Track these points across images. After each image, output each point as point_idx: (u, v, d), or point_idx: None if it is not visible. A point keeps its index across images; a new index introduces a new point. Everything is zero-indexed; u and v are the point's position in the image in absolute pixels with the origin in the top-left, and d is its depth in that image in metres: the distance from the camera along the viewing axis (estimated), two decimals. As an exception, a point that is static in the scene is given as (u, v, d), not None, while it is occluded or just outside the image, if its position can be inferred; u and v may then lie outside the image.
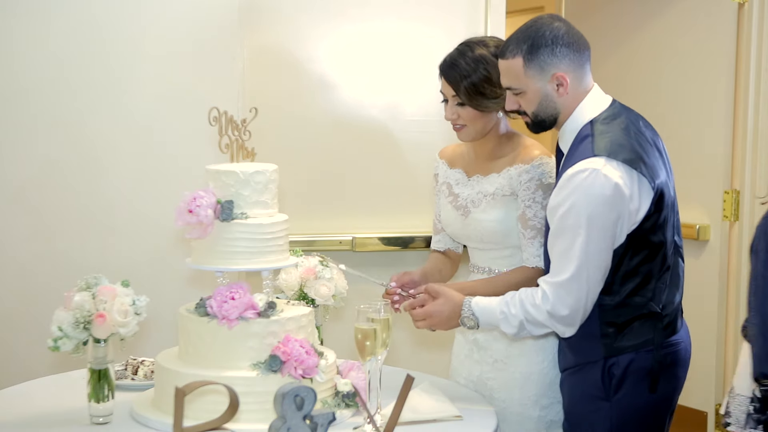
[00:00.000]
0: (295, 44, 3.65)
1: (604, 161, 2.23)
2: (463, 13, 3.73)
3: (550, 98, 2.34)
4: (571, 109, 2.36)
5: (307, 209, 3.59)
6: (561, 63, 2.32)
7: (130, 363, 2.61)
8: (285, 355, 2.16)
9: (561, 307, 2.27)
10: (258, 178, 2.30)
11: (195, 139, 3.36)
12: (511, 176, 2.57)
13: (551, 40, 2.31)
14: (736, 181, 4.02)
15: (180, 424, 1.71)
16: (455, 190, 2.70)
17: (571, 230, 2.24)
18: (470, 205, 2.65)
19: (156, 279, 3.30)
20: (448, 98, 2.58)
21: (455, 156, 2.76)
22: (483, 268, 2.68)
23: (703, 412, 4.10)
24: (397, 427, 1.95)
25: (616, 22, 4.60)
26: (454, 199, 2.70)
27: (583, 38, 2.37)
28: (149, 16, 3.39)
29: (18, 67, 3.31)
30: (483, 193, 2.62)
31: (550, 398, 2.60)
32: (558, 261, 2.29)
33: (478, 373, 2.68)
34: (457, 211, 2.68)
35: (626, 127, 2.33)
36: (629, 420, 2.35)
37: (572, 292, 2.25)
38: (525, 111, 2.39)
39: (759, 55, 3.92)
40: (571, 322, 2.29)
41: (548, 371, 2.59)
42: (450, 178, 2.73)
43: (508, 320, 2.32)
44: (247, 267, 2.30)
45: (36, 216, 3.35)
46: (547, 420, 2.60)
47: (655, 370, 2.33)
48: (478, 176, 2.66)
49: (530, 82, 2.33)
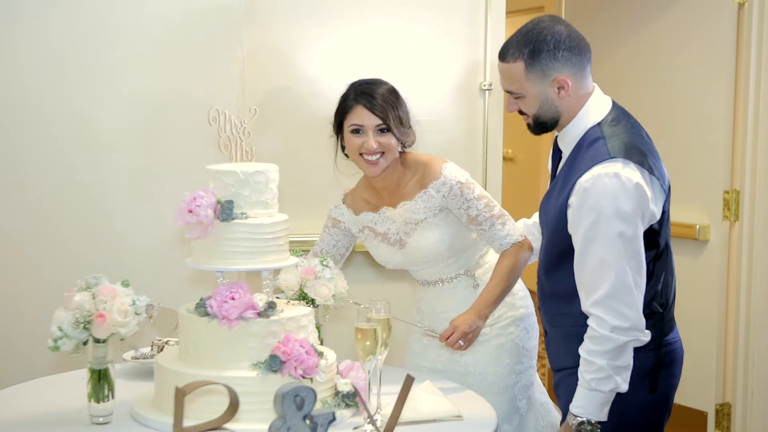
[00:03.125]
0: (295, 44, 3.65)
1: (622, 164, 2.21)
2: (463, 14, 3.73)
3: (550, 101, 2.32)
4: (574, 112, 2.34)
5: (307, 209, 3.59)
6: (563, 67, 2.30)
7: (155, 344, 2.62)
8: (285, 355, 2.16)
9: (621, 321, 2.19)
10: (258, 178, 2.30)
11: (195, 139, 3.36)
12: (433, 196, 2.68)
13: (553, 44, 2.28)
14: (736, 181, 4.02)
15: (180, 424, 1.71)
16: (379, 230, 2.78)
17: (603, 238, 2.19)
18: (404, 237, 2.74)
19: (156, 279, 3.30)
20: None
21: (355, 202, 2.84)
22: (433, 282, 2.81)
23: (703, 412, 4.10)
24: (397, 427, 1.95)
25: (617, 22, 4.60)
26: (383, 238, 2.78)
27: (584, 40, 2.35)
28: (149, 16, 3.39)
29: (18, 67, 3.31)
30: (409, 221, 2.72)
31: (525, 364, 2.79)
32: (595, 273, 2.22)
33: (447, 354, 2.79)
34: (393, 246, 2.77)
35: (633, 129, 2.33)
36: (629, 420, 2.35)
37: (624, 301, 2.19)
38: (526, 113, 2.38)
39: (759, 55, 3.92)
40: (640, 328, 2.23)
41: (520, 340, 2.79)
42: (365, 222, 2.81)
43: (600, 381, 2.22)
44: (247, 267, 2.30)
45: (36, 216, 3.34)
46: (521, 384, 2.79)
47: (655, 369, 2.33)
48: (386, 209, 2.76)
49: (531, 86, 2.31)
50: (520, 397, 2.80)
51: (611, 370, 2.22)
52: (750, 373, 4.01)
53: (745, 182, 3.98)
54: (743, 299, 4.01)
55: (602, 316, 2.20)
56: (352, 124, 2.67)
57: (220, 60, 3.43)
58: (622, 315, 2.20)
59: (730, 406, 4.08)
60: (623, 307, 2.20)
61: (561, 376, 2.47)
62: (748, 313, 4.00)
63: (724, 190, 4.03)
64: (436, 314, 2.82)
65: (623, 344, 2.21)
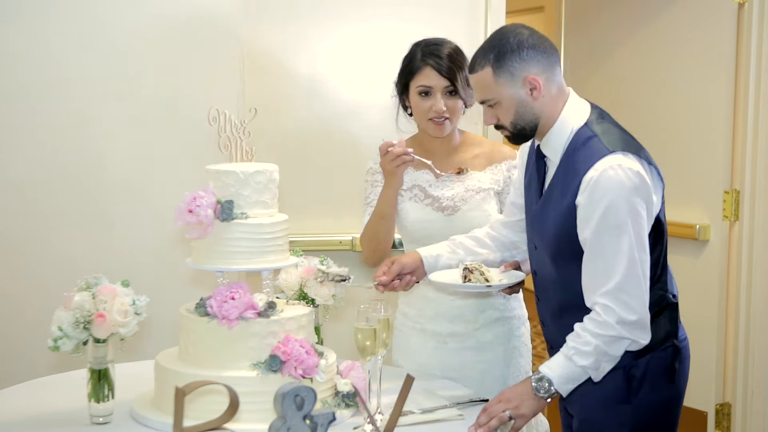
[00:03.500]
0: (294, 44, 3.65)
1: (622, 155, 2.21)
2: (463, 13, 3.73)
3: (525, 104, 2.30)
4: (553, 116, 2.32)
5: (307, 209, 3.59)
6: (530, 66, 2.28)
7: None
8: (285, 355, 2.16)
9: (628, 313, 2.18)
10: (258, 178, 2.30)
11: (195, 139, 3.36)
12: (502, 171, 2.77)
13: (516, 44, 2.27)
14: (736, 181, 4.02)
15: (180, 424, 1.71)
16: (433, 192, 2.75)
17: (616, 229, 2.18)
18: (459, 204, 2.72)
19: (156, 279, 3.30)
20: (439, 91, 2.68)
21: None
22: None
23: (703, 412, 4.10)
24: (397, 427, 1.95)
25: (616, 23, 4.60)
26: (433, 201, 2.74)
27: (549, 41, 2.34)
28: (149, 16, 3.39)
29: (18, 67, 3.31)
30: (470, 189, 2.73)
31: (529, 364, 2.85)
32: (605, 266, 2.20)
33: (459, 361, 2.76)
34: (440, 212, 2.73)
35: (617, 124, 2.33)
36: (648, 419, 2.33)
37: (633, 293, 2.19)
38: (503, 124, 2.35)
39: (759, 55, 3.92)
40: (644, 326, 2.21)
41: (527, 341, 2.85)
42: (420, 180, 2.78)
43: (580, 353, 2.19)
44: (247, 267, 2.30)
45: (36, 216, 3.35)
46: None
47: (673, 365, 2.33)
48: (448, 175, 2.75)
49: (503, 90, 2.29)
50: None
51: (597, 352, 2.20)
52: (750, 373, 4.01)
53: (745, 182, 3.98)
54: (743, 299, 4.01)
55: (610, 305, 2.19)
56: (421, 85, 2.67)
57: (220, 60, 3.43)
58: (630, 307, 2.19)
59: (730, 406, 4.08)
60: (632, 300, 2.19)
61: None
62: (748, 313, 4.00)
63: (724, 190, 4.03)
64: (449, 301, 2.77)
65: (621, 339, 2.21)
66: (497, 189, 2.76)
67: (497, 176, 2.77)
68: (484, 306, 2.77)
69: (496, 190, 2.76)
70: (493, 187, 2.75)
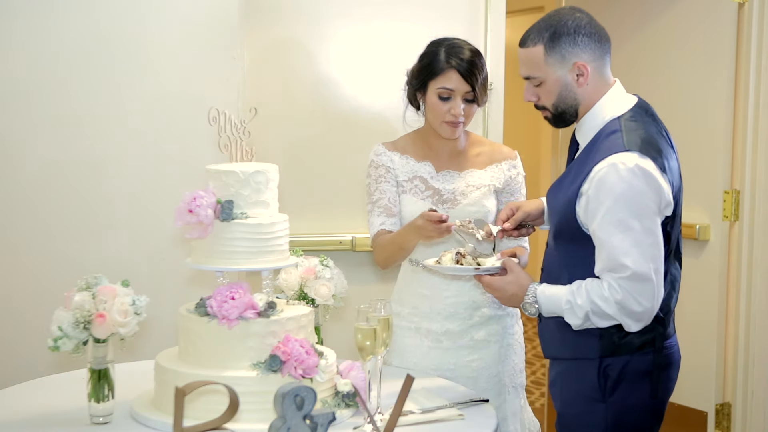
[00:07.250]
0: (294, 44, 3.65)
1: (638, 155, 2.21)
2: (464, 14, 3.73)
3: (569, 88, 2.32)
4: (592, 102, 2.33)
5: (307, 209, 3.60)
6: (582, 52, 2.30)
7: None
8: (285, 355, 2.16)
9: (634, 303, 2.20)
10: (258, 178, 2.30)
11: (195, 139, 3.36)
12: (503, 170, 2.82)
13: (573, 29, 2.30)
14: (736, 181, 4.02)
15: (180, 424, 1.71)
16: (435, 184, 2.76)
17: (623, 224, 2.18)
18: (460, 197, 2.75)
19: (156, 279, 3.30)
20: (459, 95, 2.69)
21: (416, 150, 2.81)
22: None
23: (703, 412, 4.10)
24: (397, 427, 1.95)
25: (616, 23, 4.59)
26: (433, 193, 2.76)
27: (604, 31, 2.36)
28: (149, 16, 3.39)
29: (18, 67, 3.31)
30: (471, 185, 2.77)
31: (523, 362, 2.90)
32: (616, 257, 2.20)
33: (454, 360, 2.77)
34: (441, 204, 2.75)
35: (652, 128, 2.32)
36: (624, 422, 2.34)
37: (645, 288, 2.19)
38: (544, 105, 2.37)
39: (759, 55, 3.92)
40: (641, 318, 2.23)
41: (520, 338, 2.90)
42: (421, 172, 2.78)
43: (573, 311, 2.25)
44: (247, 267, 2.31)
45: (36, 216, 3.34)
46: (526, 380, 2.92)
47: (654, 371, 2.32)
48: (449, 171, 2.78)
49: (550, 71, 2.31)
50: (522, 394, 2.88)
51: (584, 318, 2.24)
52: (750, 373, 4.01)
53: (745, 182, 3.98)
54: (743, 299, 4.01)
55: (619, 289, 2.19)
56: (443, 87, 2.65)
57: (220, 60, 3.43)
58: (638, 301, 2.20)
59: (730, 406, 4.08)
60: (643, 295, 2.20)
61: (556, 374, 2.45)
62: (748, 313, 4.00)
63: (724, 190, 4.03)
64: (443, 298, 2.79)
65: (615, 318, 2.23)
66: (497, 187, 2.81)
67: (497, 175, 2.82)
68: (478, 304, 2.78)
69: (496, 188, 2.81)
70: (494, 184, 2.80)
